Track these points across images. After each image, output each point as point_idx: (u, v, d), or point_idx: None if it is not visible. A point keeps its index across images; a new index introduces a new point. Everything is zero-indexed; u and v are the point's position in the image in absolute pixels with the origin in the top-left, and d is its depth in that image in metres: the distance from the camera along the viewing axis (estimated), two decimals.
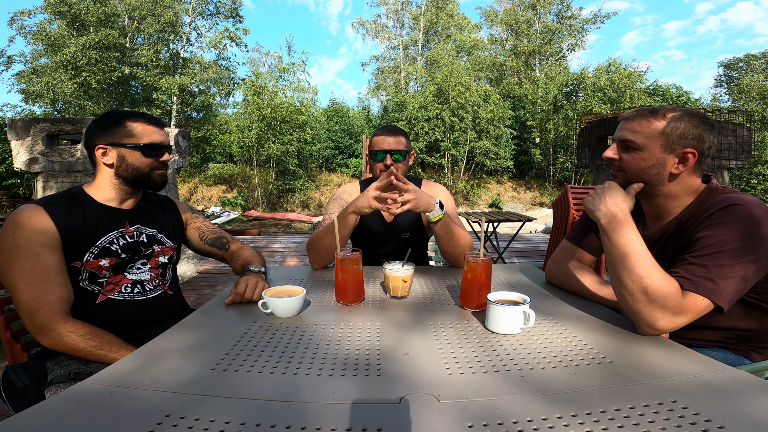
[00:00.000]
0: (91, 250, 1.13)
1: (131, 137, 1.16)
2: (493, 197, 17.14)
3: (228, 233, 1.52)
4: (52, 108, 16.01)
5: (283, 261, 5.11)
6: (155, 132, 1.20)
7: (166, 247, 1.31)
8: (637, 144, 1.00)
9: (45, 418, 0.59)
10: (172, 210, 1.41)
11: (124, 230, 1.20)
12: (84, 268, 1.12)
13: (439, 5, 21.69)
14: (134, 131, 1.17)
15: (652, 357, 0.79)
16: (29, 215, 1.05)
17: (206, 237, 1.46)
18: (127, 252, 1.19)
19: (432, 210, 1.38)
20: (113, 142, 1.16)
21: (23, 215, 1.05)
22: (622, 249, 0.92)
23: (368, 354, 0.82)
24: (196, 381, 0.71)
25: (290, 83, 16.08)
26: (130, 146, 1.16)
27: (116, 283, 1.18)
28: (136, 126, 1.17)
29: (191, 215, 1.48)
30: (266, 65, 20.27)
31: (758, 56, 26.18)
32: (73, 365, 1.05)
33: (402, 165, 1.64)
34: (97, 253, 1.13)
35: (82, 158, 4.55)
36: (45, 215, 1.07)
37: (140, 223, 1.26)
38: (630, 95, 15.98)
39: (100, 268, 1.14)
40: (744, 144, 8.83)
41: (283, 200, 16.12)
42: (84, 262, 1.11)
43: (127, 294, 1.19)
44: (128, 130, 1.16)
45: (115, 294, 1.17)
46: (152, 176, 1.21)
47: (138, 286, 1.22)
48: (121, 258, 1.17)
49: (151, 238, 1.27)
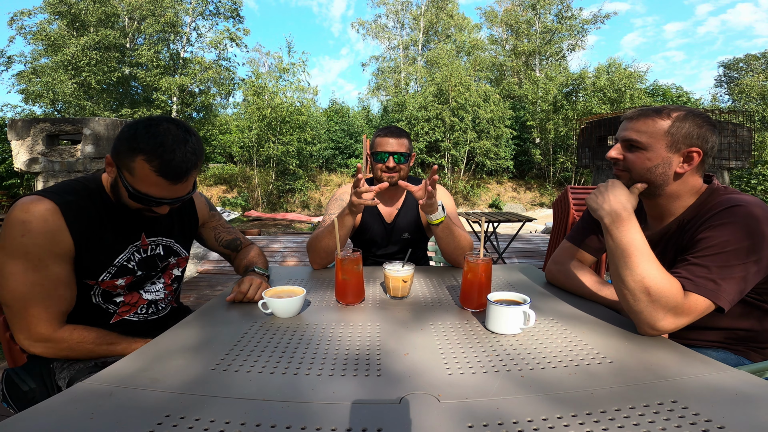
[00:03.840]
0: (109, 270, 1.05)
1: (131, 175, 0.95)
2: (493, 197, 17.15)
3: (242, 234, 1.49)
4: (52, 108, 16.02)
5: (283, 261, 5.11)
6: (160, 186, 0.96)
7: (181, 259, 1.26)
8: (642, 143, 0.99)
9: (45, 418, 0.59)
10: (189, 211, 1.30)
11: (139, 244, 1.12)
12: (98, 287, 1.06)
13: (439, 5, 21.70)
14: (136, 170, 0.94)
15: (652, 357, 0.79)
16: (44, 217, 0.92)
17: (222, 238, 1.41)
18: (143, 268, 1.13)
19: (436, 212, 1.38)
20: (117, 162, 0.97)
21: (35, 214, 0.92)
22: (624, 248, 0.92)
23: (368, 354, 0.82)
24: (196, 381, 0.71)
25: (290, 83, 16.09)
26: (124, 183, 0.97)
27: (133, 304, 1.14)
28: (142, 166, 0.94)
29: (209, 214, 1.39)
30: (266, 65, 20.26)
31: (758, 56, 26.16)
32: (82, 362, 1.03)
33: (404, 167, 1.64)
34: (114, 272, 1.06)
35: (82, 158, 4.55)
36: (60, 219, 0.94)
37: (156, 233, 1.17)
38: (630, 95, 15.98)
39: (115, 287, 1.08)
40: (744, 144, 8.83)
41: (283, 200, 16.12)
42: (99, 281, 1.04)
43: (142, 315, 1.16)
44: (133, 166, 0.94)
45: (131, 315, 1.14)
46: (141, 212, 1.06)
47: (153, 306, 1.18)
48: (137, 276, 1.11)
49: (167, 250, 1.20)
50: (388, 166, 1.61)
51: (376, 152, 1.63)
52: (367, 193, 1.34)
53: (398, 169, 1.62)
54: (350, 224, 1.44)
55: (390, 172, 1.62)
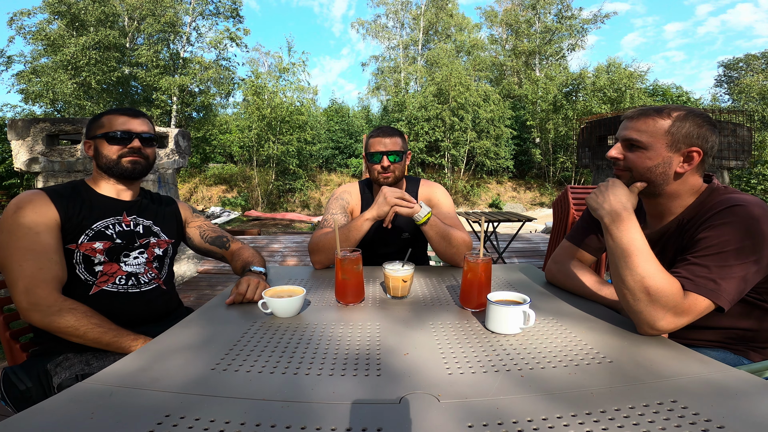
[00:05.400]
0: (87, 233, 1.15)
1: (101, 128, 1.22)
2: (493, 197, 17.15)
3: (228, 233, 1.52)
4: (52, 108, 16.01)
5: (283, 261, 5.11)
6: (125, 121, 1.23)
7: (161, 240, 1.32)
8: (642, 143, 1.00)
9: (45, 418, 0.59)
10: (170, 206, 1.43)
11: (120, 218, 1.24)
12: (78, 251, 1.13)
13: (438, 5, 21.69)
14: (104, 122, 1.22)
15: (652, 357, 0.79)
16: (31, 198, 1.10)
17: (207, 236, 1.46)
18: (122, 239, 1.21)
19: (418, 211, 1.38)
20: (91, 135, 1.24)
21: (25, 198, 1.09)
22: (625, 247, 0.92)
23: (368, 354, 0.82)
24: (196, 381, 0.71)
25: (290, 83, 16.09)
26: (98, 136, 1.22)
27: (111, 274, 1.18)
28: (108, 118, 1.23)
29: (191, 214, 1.48)
30: (266, 65, 20.27)
31: (758, 56, 26.14)
32: (76, 366, 1.04)
33: (399, 165, 1.64)
34: (92, 235, 1.16)
35: (82, 158, 4.55)
36: (46, 198, 1.11)
37: (137, 214, 1.28)
38: (630, 95, 15.98)
39: (93, 250, 1.15)
40: (744, 144, 8.83)
41: (283, 200, 16.12)
42: (78, 244, 1.13)
43: (121, 286, 1.19)
44: (101, 123, 1.22)
45: (109, 285, 1.17)
46: (121, 163, 1.22)
47: (133, 278, 1.21)
48: (116, 243, 1.19)
49: (147, 230, 1.29)
50: (383, 165, 1.61)
51: (370, 153, 1.62)
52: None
53: (393, 168, 1.62)
54: (366, 229, 1.44)
55: (385, 171, 1.62)
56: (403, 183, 1.75)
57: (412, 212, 1.39)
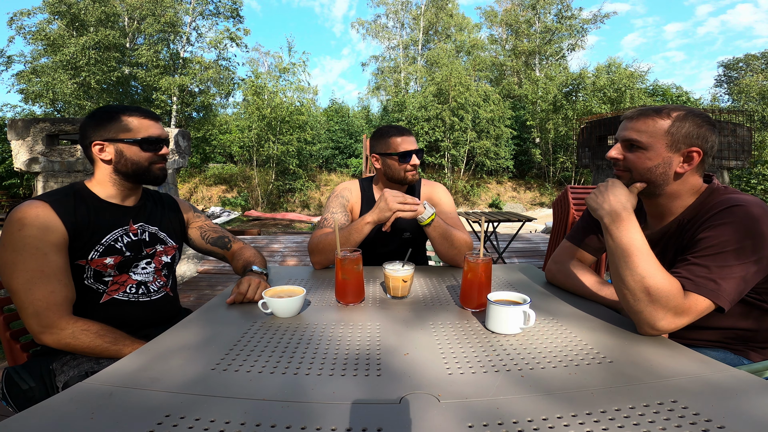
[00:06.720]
0: (96, 248, 1.11)
1: (128, 132, 1.15)
2: (493, 197, 17.14)
3: (230, 233, 1.52)
4: (51, 108, 16.00)
5: (283, 261, 5.11)
6: (152, 126, 1.18)
7: (168, 247, 1.31)
8: (642, 143, 0.99)
9: (45, 418, 0.59)
10: (173, 209, 1.40)
11: (128, 228, 1.20)
12: (89, 266, 1.11)
13: (438, 5, 21.69)
14: (131, 125, 1.15)
15: (652, 357, 0.79)
16: (36, 213, 1.02)
17: (208, 236, 1.46)
18: (131, 250, 1.19)
19: (422, 213, 1.38)
20: (110, 137, 1.14)
21: (29, 212, 1.01)
22: (624, 248, 0.92)
23: (368, 354, 0.82)
24: (196, 381, 0.71)
25: (290, 83, 16.08)
26: (127, 141, 1.14)
27: (121, 283, 1.17)
28: (132, 120, 1.16)
29: (193, 214, 1.47)
30: (266, 65, 20.27)
31: (758, 56, 26.14)
32: (85, 365, 1.04)
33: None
34: (102, 251, 1.12)
35: (82, 158, 4.55)
36: (52, 212, 1.04)
37: (143, 220, 1.25)
38: (630, 95, 15.98)
39: (105, 266, 1.13)
40: (744, 144, 8.83)
41: (283, 200, 16.12)
42: (89, 260, 1.10)
43: (131, 294, 1.19)
44: (124, 125, 1.15)
45: (120, 294, 1.17)
46: (152, 170, 1.20)
47: (143, 287, 1.21)
48: (126, 256, 1.17)
49: (154, 237, 1.26)
50: (412, 164, 1.61)
51: (401, 153, 1.60)
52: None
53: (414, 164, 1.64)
54: (367, 232, 1.44)
55: (414, 169, 1.63)
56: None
57: (416, 214, 1.38)
